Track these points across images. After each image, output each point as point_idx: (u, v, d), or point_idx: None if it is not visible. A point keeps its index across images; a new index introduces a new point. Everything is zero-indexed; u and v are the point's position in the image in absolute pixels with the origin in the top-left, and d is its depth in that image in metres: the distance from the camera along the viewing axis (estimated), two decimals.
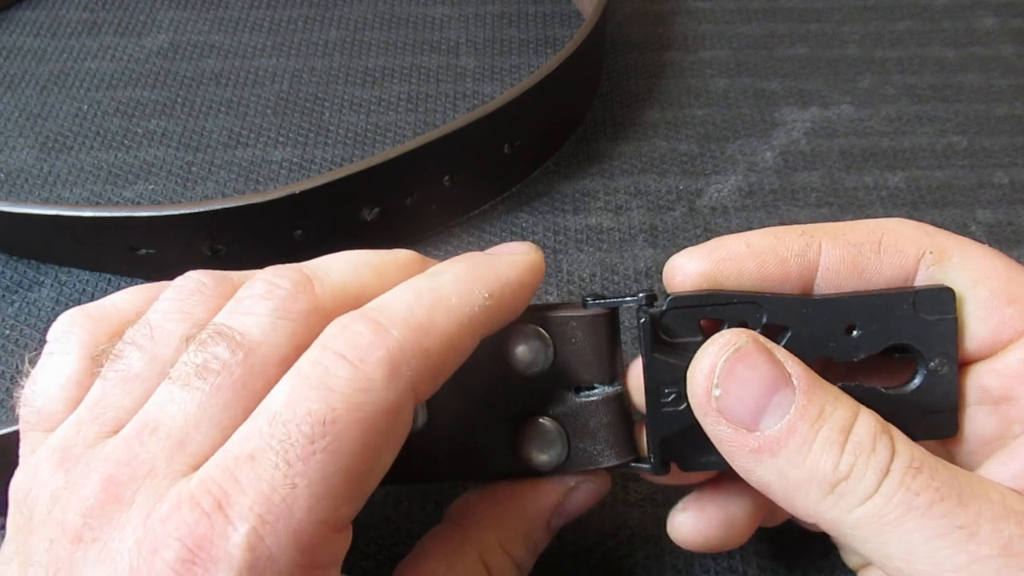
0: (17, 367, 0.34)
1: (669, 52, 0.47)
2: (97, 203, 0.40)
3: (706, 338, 0.21)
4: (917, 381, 0.22)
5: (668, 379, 0.22)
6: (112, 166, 0.41)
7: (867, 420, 0.20)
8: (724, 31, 0.48)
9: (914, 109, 0.43)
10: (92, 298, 0.36)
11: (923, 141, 0.41)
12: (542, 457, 0.23)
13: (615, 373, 0.24)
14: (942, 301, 0.22)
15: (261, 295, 0.20)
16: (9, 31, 0.49)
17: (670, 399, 0.22)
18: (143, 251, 0.35)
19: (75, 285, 0.36)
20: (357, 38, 0.48)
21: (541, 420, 0.23)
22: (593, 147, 0.42)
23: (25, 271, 0.37)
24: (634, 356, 0.23)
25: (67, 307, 0.35)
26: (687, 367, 0.21)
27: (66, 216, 0.33)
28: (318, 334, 0.20)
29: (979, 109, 0.43)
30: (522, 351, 0.23)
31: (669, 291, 0.23)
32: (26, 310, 0.36)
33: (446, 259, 0.23)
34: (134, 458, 0.19)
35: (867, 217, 0.38)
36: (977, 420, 0.22)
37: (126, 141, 0.42)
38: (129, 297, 0.23)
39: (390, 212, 0.36)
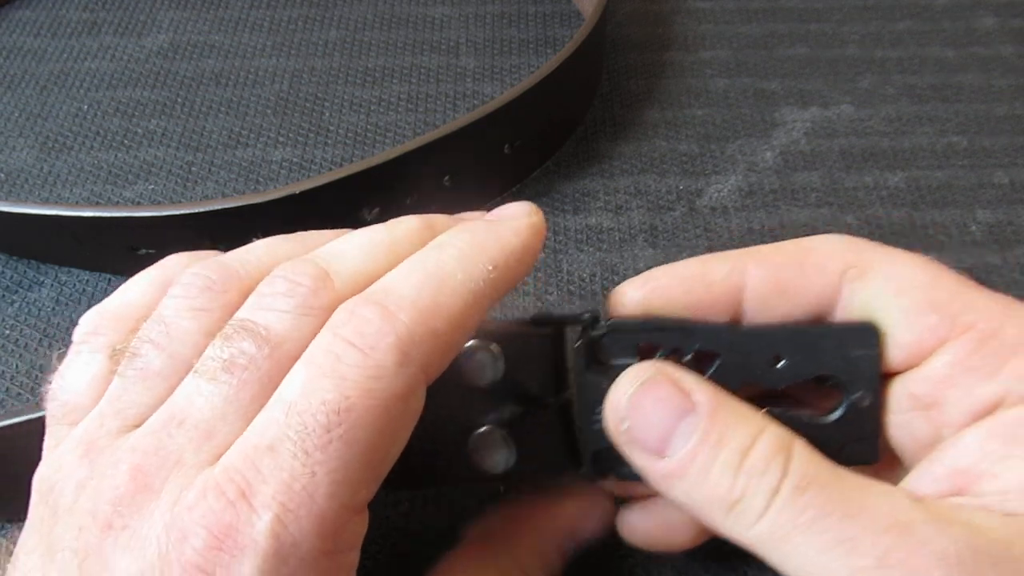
0: (17, 367, 0.34)
1: (669, 52, 0.47)
2: (97, 203, 0.40)
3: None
4: (839, 412, 0.23)
5: (598, 399, 0.23)
6: (112, 166, 0.41)
7: (766, 442, 0.20)
8: (724, 31, 0.48)
9: (914, 109, 0.43)
10: (92, 298, 0.36)
11: (923, 141, 0.41)
12: (492, 463, 0.24)
13: (561, 386, 0.24)
14: (865, 336, 0.22)
15: (283, 293, 0.20)
16: (9, 31, 0.49)
17: (598, 416, 0.23)
18: (143, 251, 0.35)
19: (75, 285, 0.36)
20: (357, 38, 0.48)
21: (491, 429, 0.24)
22: (593, 147, 0.42)
23: (25, 271, 0.37)
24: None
25: (67, 307, 0.36)
26: None
27: (66, 216, 0.33)
28: None
29: (979, 109, 0.43)
30: (474, 364, 0.23)
31: (610, 317, 0.23)
32: (26, 310, 0.36)
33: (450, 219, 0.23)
34: (162, 448, 0.19)
35: (867, 217, 0.38)
36: (913, 426, 0.22)
37: (126, 141, 0.42)
38: (141, 291, 0.23)
39: (390, 212, 0.35)
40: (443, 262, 0.21)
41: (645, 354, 0.23)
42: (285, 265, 0.21)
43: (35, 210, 0.34)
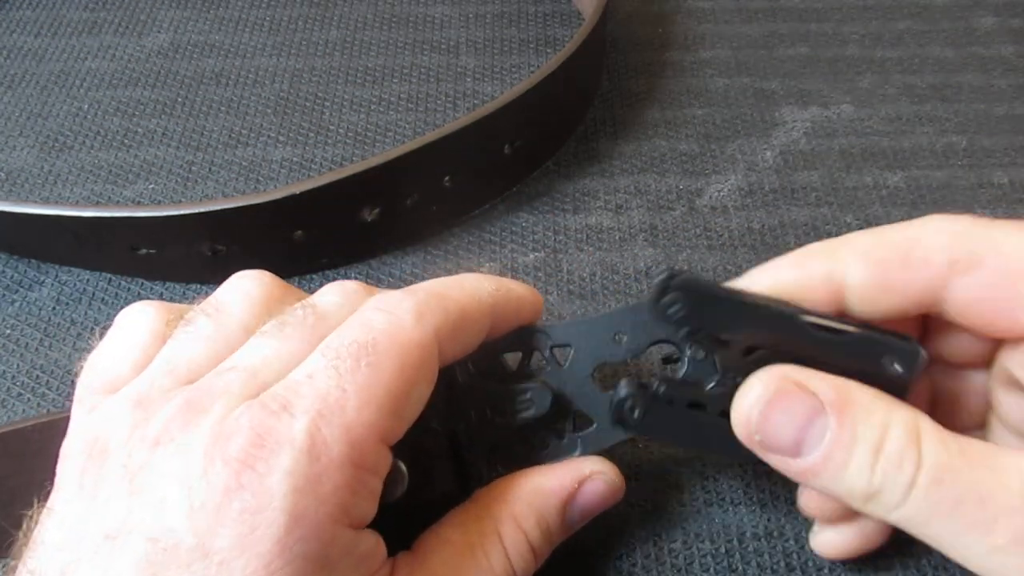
0: (17, 367, 0.34)
1: (669, 52, 0.47)
2: (97, 203, 0.40)
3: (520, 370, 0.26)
4: (683, 369, 0.25)
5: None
6: (112, 166, 0.41)
7: (896, 435, 0.21)
8: (724, 31, 0.48)
9: (914, 109, 0.43)
10: (92, 298, 0.36)
11: (923, 141, 0.41)
12: (388, 492, 0.25)
13: (450, 413, 0.26)
14: (675, 302, 0.25)
15: (331, 289, 0.25)
16: (9, 31, 0.49)
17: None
18: (143, 251, 0.35)
19: (75, 285, 0.36)
20: (357, 38, 0.48)
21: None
22: (593, 147, 0.42)
23: (25, 271, 0.37)
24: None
25: (68, 307, 0.36)
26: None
27: (66, 216, 0.33)
28: None
29: (979, 109, 0.43)
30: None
31: None
32: (26, 310, 0.36)
33: (448, 261, 0.25)
34: (212, 385, 0.22)
35: (867, 216, 0.38)
36: (1018, 405, 0.24)
37: (126, 141, 0.42)
38: (171, 306, 0.26)
39: (390, 212, 0.36)
40: (458, 277, 0.25)
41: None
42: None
43: (35, 210, 0.34)
